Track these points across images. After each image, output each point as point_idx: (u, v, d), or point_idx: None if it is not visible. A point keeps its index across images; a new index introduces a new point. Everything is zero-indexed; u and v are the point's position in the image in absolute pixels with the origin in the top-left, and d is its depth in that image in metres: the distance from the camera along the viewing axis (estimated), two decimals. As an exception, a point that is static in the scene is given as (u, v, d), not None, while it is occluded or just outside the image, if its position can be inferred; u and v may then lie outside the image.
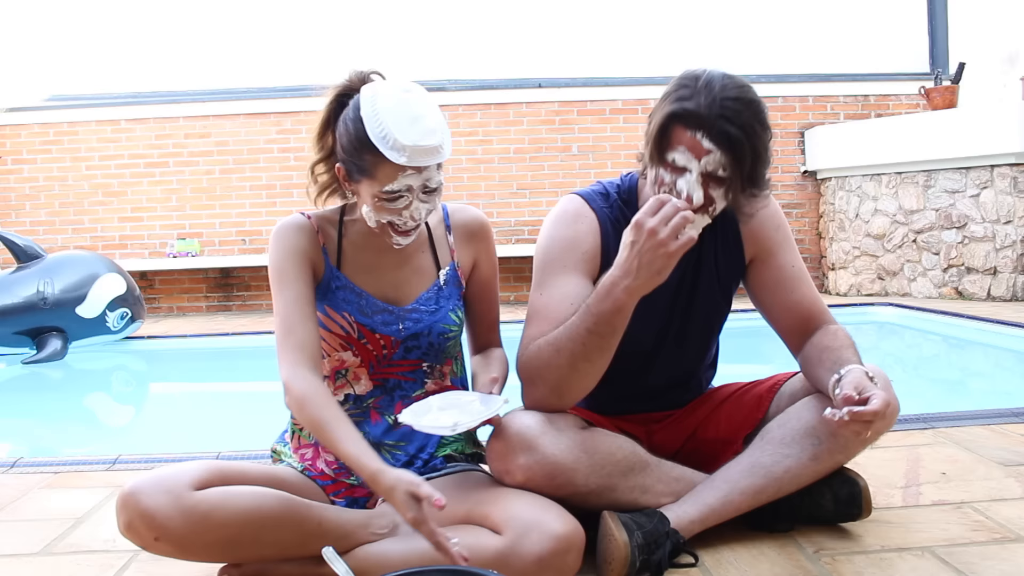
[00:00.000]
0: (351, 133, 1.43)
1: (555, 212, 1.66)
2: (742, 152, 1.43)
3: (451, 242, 1.64)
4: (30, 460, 2.31)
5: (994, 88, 5.85)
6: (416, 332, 1.57)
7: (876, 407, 1.36)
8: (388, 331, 1.56)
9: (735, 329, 2.20)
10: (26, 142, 6.19)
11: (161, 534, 1.30)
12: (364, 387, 1.59)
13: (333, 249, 1.57)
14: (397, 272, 1.59)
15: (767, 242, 1.69)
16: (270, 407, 1.66)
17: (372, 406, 1.59)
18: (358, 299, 1.56)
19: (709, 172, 1.45)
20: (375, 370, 1.58)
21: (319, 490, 1.56)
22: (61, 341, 4.41)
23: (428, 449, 1.59)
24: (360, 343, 1.56)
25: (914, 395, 3.19)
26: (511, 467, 1.46)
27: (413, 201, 1.45)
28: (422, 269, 1.61)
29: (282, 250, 1.52)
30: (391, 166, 1.41)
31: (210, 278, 6.23)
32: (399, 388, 1.60)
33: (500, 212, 6.23)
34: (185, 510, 1.30)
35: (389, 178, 1.42)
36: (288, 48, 6.27)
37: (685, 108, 1.43)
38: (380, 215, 1.46)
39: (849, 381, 1.43)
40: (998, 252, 5.04)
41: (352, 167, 1.46)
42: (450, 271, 1.63)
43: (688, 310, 1.69)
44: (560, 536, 1.33)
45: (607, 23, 6.32)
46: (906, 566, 1.47)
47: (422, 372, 1.61)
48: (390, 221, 1.47)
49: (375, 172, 1.42)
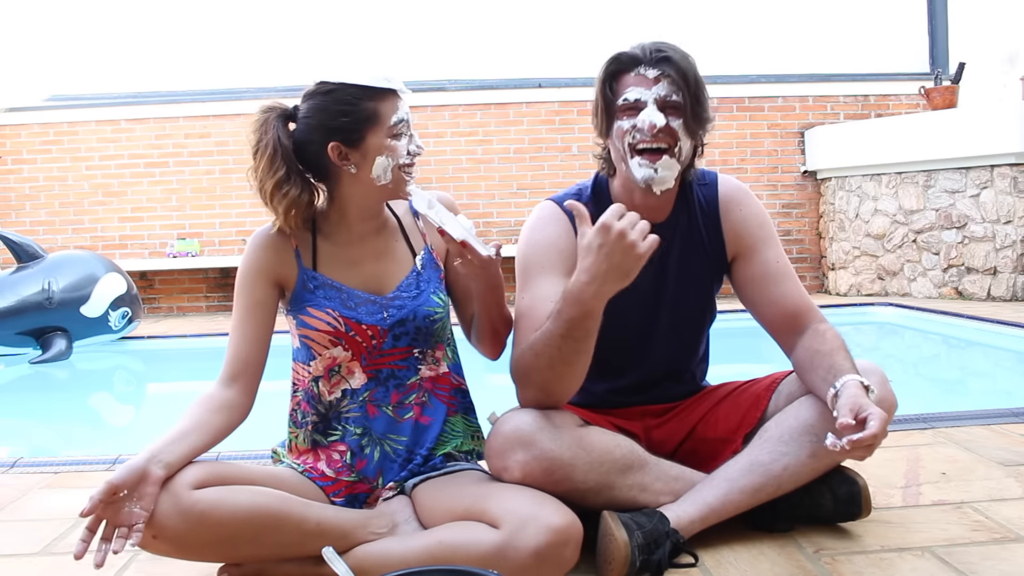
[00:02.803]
0: (336, 102, 1.50)
1: (530, 219, 1.72)
2: (684, 73, 1.56)
3: (420, 226, 1.68)
4: (30, 460, 2.32)
5: (994, 88, 5.85)
6: (401, 318, 1.58)
7: (874, 430, 1.33)
8: (374, 320, 1.57)
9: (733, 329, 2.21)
10: (26, 142, 6.19)
11: (159, 533, 1.31)
12: (359, 380, 1.59)
13: (308, 250, 1.59)
14: (375, 263, 1.61)
15: (750, 239, 1.71)
16: (270, 407, 1.66)
17: (368, 399, 1.59)
18: (339, 294, 1.57)
19: (663, 97, 1.56)
20: (367, 362, 1.59)
21: (318, 490, 1.56)
22: (66, 341, 4.41)
23: (427, 445, 1.59)
24: (349, 336, 1.56)
25: (914, 395, 3.20)
26: (509, 464, 1.46)
27: (413, 133, 1.55)
28: (398, 257, 1.63)
29: (244, 266, 1.58)
30: (390, 96, 1.52)
31: (210, 278, 6.23)
32: (393, 377, 1.60)
33: (500, 212, 6.24)
34: (183, 509, 1.30)
35: (393, 108, 1.52)
36: (288, 48, 6.27)
37: (622, 54, 1.59)
38: (396, 157, 1.52)
39: (845, 404, 1.40)
40: (998, 252, 5.04)
41: (350, 130, 1.50)
42: (425, 255, 1.65)
43: (672, 305, 1.72)
44: (557, 529, 1.33)
45: (607, 23, 6.32)
46: (906, 566, 1.47)
47: (414, 359, 1.61)
48: (404, 165, 1.53)
49: (379, 112, 1.50)
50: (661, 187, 1.61)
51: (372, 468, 1.58)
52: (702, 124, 1.62)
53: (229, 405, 1.49)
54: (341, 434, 1.59)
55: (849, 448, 1.34)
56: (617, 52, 1.60)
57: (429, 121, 6.13)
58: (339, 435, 1.59)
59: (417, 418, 1.60)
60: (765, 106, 6.27)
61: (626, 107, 1.58)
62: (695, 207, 1.72)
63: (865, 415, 1.37)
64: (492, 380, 2.08)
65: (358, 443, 1.58)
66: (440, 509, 1.46)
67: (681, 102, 1.56)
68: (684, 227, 1.71)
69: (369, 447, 1.58)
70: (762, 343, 1.80)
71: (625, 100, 1.57)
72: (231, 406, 1.50)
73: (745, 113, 6.25)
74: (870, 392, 1.44)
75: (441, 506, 1.47)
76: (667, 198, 1.68)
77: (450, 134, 6.20)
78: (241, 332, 1.55)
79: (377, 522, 1.47)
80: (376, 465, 1.58)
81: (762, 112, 6.27)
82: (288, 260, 1.58)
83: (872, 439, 1.34)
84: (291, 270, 1.58)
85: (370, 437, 1.58)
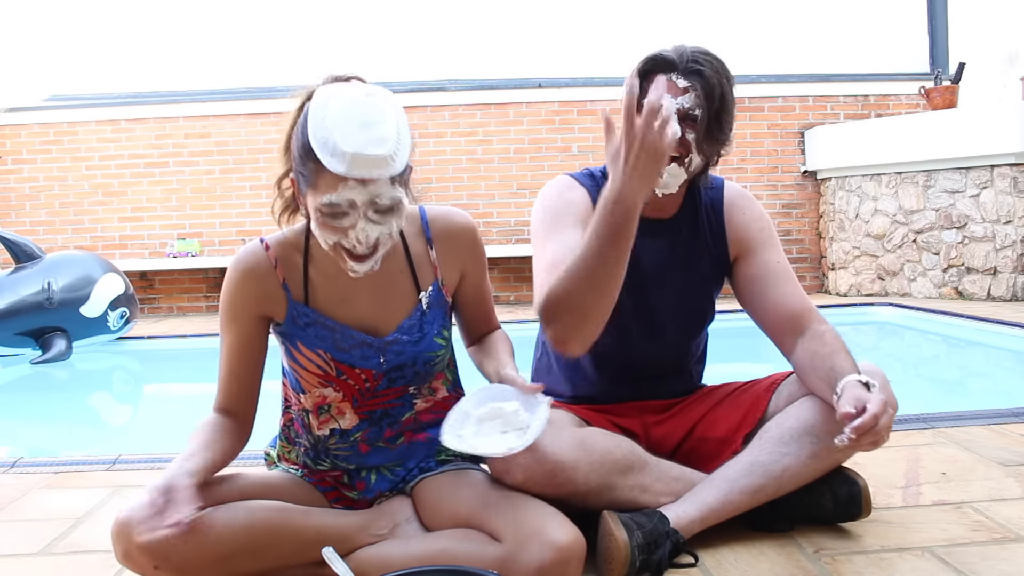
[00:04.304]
0: (299, 138, 1.31)
1: (546, 188, 1.73)
2: (711, 90, 1.57)
3: (433, 258, 1.50)
4: (30, 460, 2.31)
5: (994, 88, 5.84)
6: (400, 364, 1.47)
7: (874, 410, 1.36)
8: (368, 365, 1.45)
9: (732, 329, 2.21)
10: (26, 142, 6.18)
11: (160, 563, 1.27)
12: (350, 421, 1.50)
13: (298, 281, 1.45)
14: (372, 299, 1.46)
15: (751, 240, 1.74)
16: (269, 407, 1.66)
17: (360, 439, 1.51)
18: (332, 334, 1.44)
19: (686, 110, 1.58)
20: (359, 403, 1.49)
21: (318, 494, 1.54)
22: (66, 341, 4.41)
23: (426, 457, 1.56)
24: (340, 379, 1.46)
25: (914, 395, 3.20)
26: (511, 466, 1.45)
27: (359, 221, 1.29)
28: (401, 293, 1.47)
29: (226, 300, 1.45)
30: (330, 175, 1.26)
31: (210, 278, 6.23)
32: (386, 416, 1.51)
33: (500, 212, 6.23)
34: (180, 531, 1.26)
35: (329, 187, 1.27)
36: (288, 48, 6.27)
37: (660, 55, 1.61)
38: (325, 234, 1.31)
39: (846, 400, 1.42)
40: (998, 252, 5.04)
41: (299, 177, 1.33)
42: (433, 292, 1.49)
43: (673, 300, 1.73)
44: (561, 546, 1.30)
45: (607, 23, 6.32)
46: (906, 566, 1.47)
47: (409, 396, 1.52)
48: (339, 243, 1.32)
49: (316, 181, 1.28)
50: (663, 191, 1.64)
51: (370, 489, 1.54)
52: (715, 144, 1.63)
53: (229, 430, 1.46)
54: (330, 466, 1.55)
55: (855, 437, 1.35)
56: (657, 51, 1.62)
57: (429, 121, 6.13)
58: (328, 466, 1.55)
59: (409, 439, 1.54)
60: (765, 106, 6.27)
61: None
62: (701, 209, 1.75)
63: (864, 404, 1.37)
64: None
65: (354, 471, 1.55)
66: (442, 511, 1.45)
67: (700, 117, 1.58)
68: (689, 226, 1.74)
69: (365, 472, 1.54)
70: (762, 343, 1.80)
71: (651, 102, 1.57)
72: (232, 431, 1.46)
73: (745, 113, 6.24)
74: (871, 388, 1.44)
75: (443, 508, 1.45)
76: (674, 197, 1.71)
77: (450, 134, 6.20)
78: (229, 369, 1.47)
79: (378, 523, 1.45)
80: (374, 487, 1.54)
81: (762, 112, 6.27)
82: (275, 293, 1.45)
83: (873, 420, 1.35)
84: (279, 304, 1.45)
85: (366, 469, 1.54)
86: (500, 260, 5.98)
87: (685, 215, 1.74)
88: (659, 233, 1.71)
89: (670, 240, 1.72)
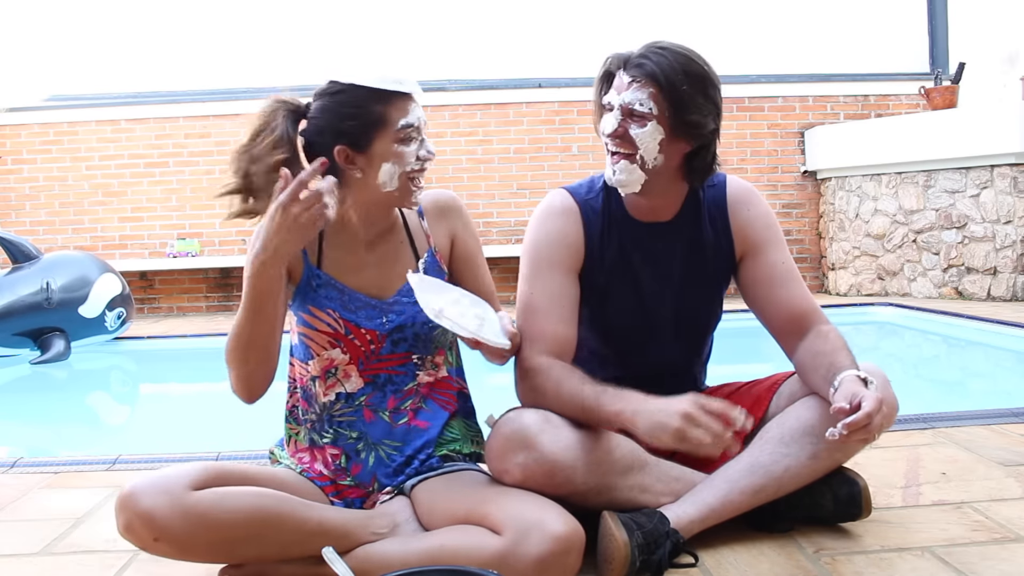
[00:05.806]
0: (344, 104, 1.48)
1: (542, 207, 1.72)
2: (655, 76, 1.53)
3: (425, 227, 1.65)
4: (30, 460, 2.32)
5: (994, 88, 5.85)
6: (400, 324, 1.57)
7: (868, 408, 1.35)
8: (372, 325, 1.56)
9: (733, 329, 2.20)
10: (26, 142, 6.18)
11: (160, 535, 1.30)
12: (355, 384, 1.58)
13: (313, 247, 1.58)
14: (378, 266, 1.60)
15: (757, 240, 1.71)
16: (269, 407, 1.66)
17: (364, 404, 1.58)
18: (340, 295, 1.56)
19: (626, 104, 1.56)
20: (365, 366, 1.58)
21: (318, 490, 1.56)
22: (64, 341, 4.40)
23: (427, 450, 1.59)
24: (348, 339, 1.56)
25: (914, 395, 3.20)
26: (509, 466, 1.46)
27: (423, 138, 1.53)
28: (402, 261, 1.61)
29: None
30: (401, 100, 1.49)
31: (210, 278, 6.23)
32: (390, 383, 1.59)
33: (500, 212, 6.24)
34: (184, 510, 1.30)
35: (402, 112, 1.49)
36: (288, 48, 6.27)
37: (611, 55, 1.61)
38: (403, 164, 1.50)
39: (842, 394, 1.43)
40: (998, 252, 5.04)
41: (357, 134, 1.48)
42: (428, 258, 1.63)
43: (676, 306, 1.72)
44: (560, 537, 1.32)
45: (607, 23, 6.32)
46: (906, 566, 1.47)
47: (412, 365, 1.60)
48: (411, 172, 1.51)
49: (388, 114, 1.48)
50: (624, 189, 1.63)
51: (367, 473, 1.57)
52: (685, 133, 1.57)
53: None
54: (333, 438, 1.59)
55: (846, 433, 1.35)
56: (614, 52, 1.62)
57: (429, 121, 6.09)
58: (331, 438, 1.59)
59: (411, 422, 1.59)
60: (765, 106, 6.27)
61: (604, 109, 1.62)
62: (703, 208, 1.72)
63: (859, 400, 1.37)
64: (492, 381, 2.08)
65: (353, 447, 1.58)
66: (440, 510, 1.46)
67: (647, 112, 1.54)
68: (690, 228, 1.71)
69: (364, 451, 1.58)
70: (763, 343, 1.80)
71: (607, 103, 1.60)
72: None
73: (745, 113, 6.25)
74: (869, 384, 1.44)
75: (441, 507, 1.46)
76: (670, 198, 1.68)
77: (450, 134, 6.20)
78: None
79: (378, 522, 1.46)
80: (371, 470, 1.57)
81: (762, 112, 6.28)
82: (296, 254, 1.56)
83: (867, 419, 1.35)
84: (297, 263, 1.57)
85: (366, 442, 1.58)
86: (500, 260, 5.98)
87: (686, 216, 1.71)
88: (660, 237, 1.70)
89: (673, 242, 1.70)
